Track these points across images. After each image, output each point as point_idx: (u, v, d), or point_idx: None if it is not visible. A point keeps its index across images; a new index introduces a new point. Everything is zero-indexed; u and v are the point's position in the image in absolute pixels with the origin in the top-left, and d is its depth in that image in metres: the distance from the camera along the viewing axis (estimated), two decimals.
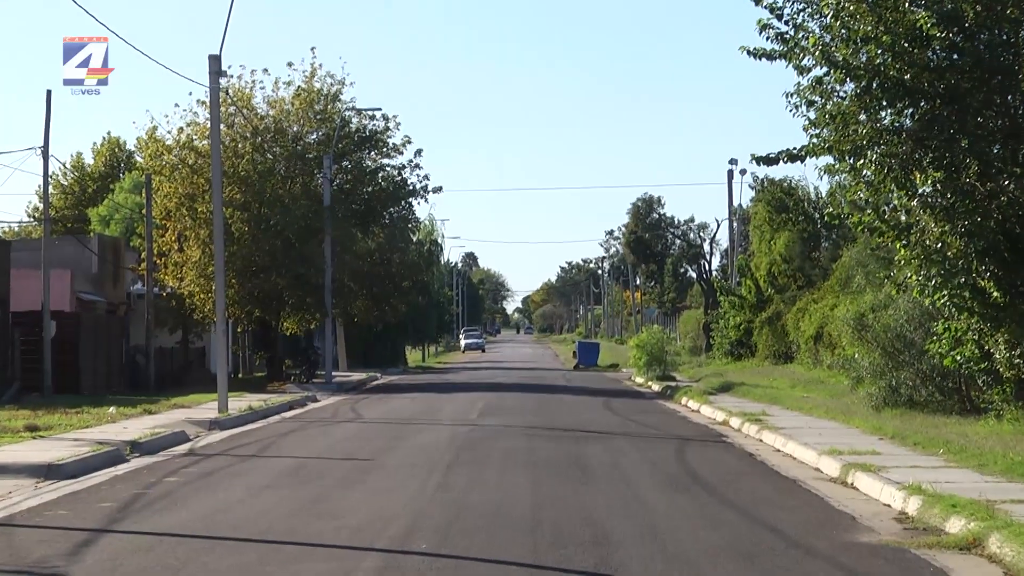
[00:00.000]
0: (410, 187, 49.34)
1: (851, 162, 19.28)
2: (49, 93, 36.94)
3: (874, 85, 18.46)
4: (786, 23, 19.51)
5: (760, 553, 11.52)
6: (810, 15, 19.32)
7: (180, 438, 22.91)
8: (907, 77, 18.37)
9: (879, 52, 18.45)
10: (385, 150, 48.86)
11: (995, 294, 19.06)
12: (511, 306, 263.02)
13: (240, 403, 30.77)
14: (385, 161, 49.20)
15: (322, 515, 13.70)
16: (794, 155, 19.74)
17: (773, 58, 19.49)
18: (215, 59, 29.93)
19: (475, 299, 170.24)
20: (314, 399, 36.69)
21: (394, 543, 11.94)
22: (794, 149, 19.77)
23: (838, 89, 19.07)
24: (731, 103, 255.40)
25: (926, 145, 18.69)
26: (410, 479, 16.73)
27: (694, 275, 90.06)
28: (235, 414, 27.82)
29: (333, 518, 13.47)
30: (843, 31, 18.74)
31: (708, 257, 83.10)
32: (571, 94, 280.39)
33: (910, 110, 18.80)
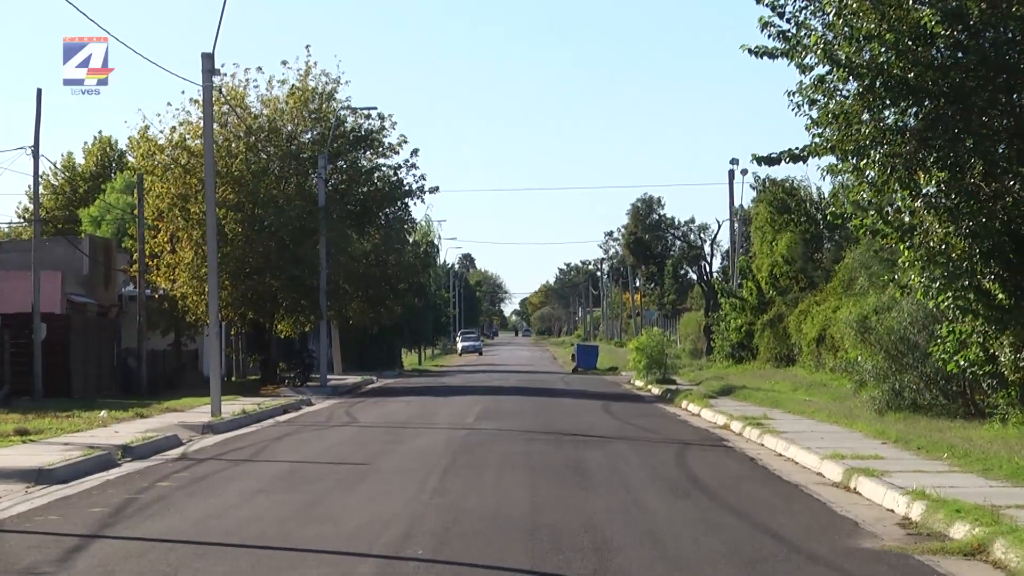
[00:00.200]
0: (406, 187, 49.10)
1: (854, 162, 19.17)
2: (39, 92, 36.74)
3: (877, 84, 18.36)
4: (788, 21, 19.40)
5: (761, 559, 11.50)
6: (812, 12, 19.20)
7: (173, 442, 22.78)
8: (911, 76, 18.26)
9: (882, 50, 18.33)
10: (381, 150, 48.65)
11: (1000, 296, 18.95)
12: (509, 308, 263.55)
13: (233, 407, 30.63)
14: (381, 161, 49.07)
15: (317, 520, 13.62)
16: (796, 155, 19.67)
17: (774, 56, 19.39)
18: (208, 57, 29.76)
19: (472, 301, 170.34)
20: (308, 403, 36.60)
21: (390, 548, 11.89)
22: (796, 149, 19.72)
23: (841, 88, 18.98)
24: (732, 102, 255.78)
25: (930, 145, 18.58)
26: (406, 484, 16.65)
27: (694, 277, 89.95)
28: (228, 418, 27.69)
29: (328, 523, 13.40)
30: (845, 29, 18.62)
31: (709, 258, 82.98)
32: (570, 93, 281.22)
33: (914, 109, 18.67)
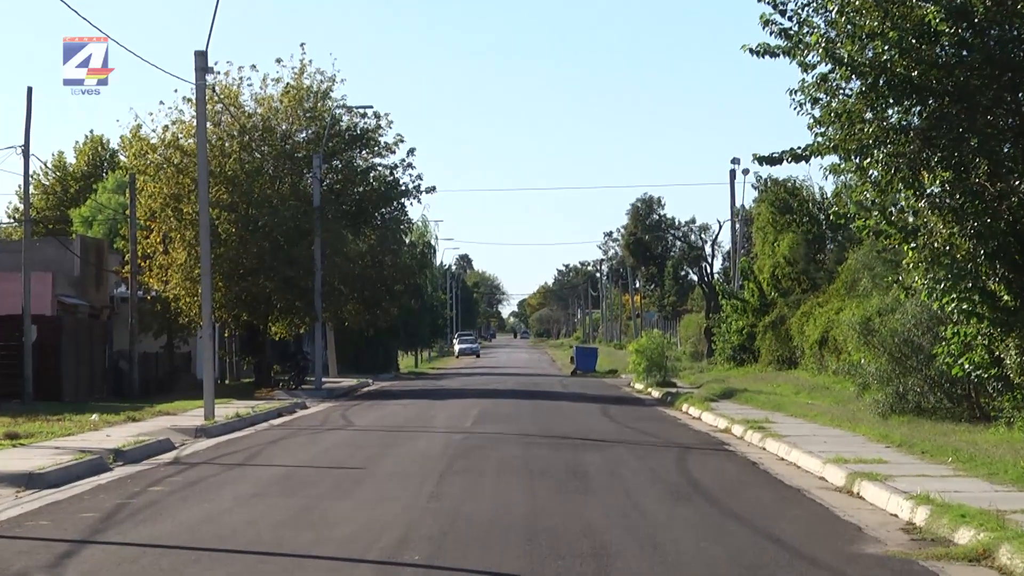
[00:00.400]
0: (402, 187, 49.01)
1: (857, 161, 19.06)
2: (30, 90, 36.70)
3: (881, 82, 18.23)
4: (789, 19, 19.27)
5: (763, 565, 11.44)
6: (814, 10, 19.08)
7: (165, 446, 22.70)
8: (915, 74, 18.14)
9: (886, 48, 18.17)
10: (377, 149, 48.50)
11: (1005, 298, 18.83)
12: (507, 310, 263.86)
13: (227, 410, 30.55)
14: (377, 160, 48.94)
15: (312, 525, 13.55)
16: (798, 154, 19.54)
17: (776, 55, 19.28)
18: (201, 55, 29.65)
19: (470, 303, 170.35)
20: (303, 406, 36.52)
21: (386, 554, 11.81)
22: (798, 148, 19.59)
23: (844, 86, 18.86)
24: (733, 100, 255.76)
25: (934, 144, 18.47)
26: (402, 488, 16.58)
27: (695, 278, 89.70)
28: (222, 421, 27.60)
29: (323, 528, 13.33)
30: (848, 27, 18.51)
31: (710, 259, 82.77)
32: (569, 91, 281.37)
33: (918, 108, 18.53)
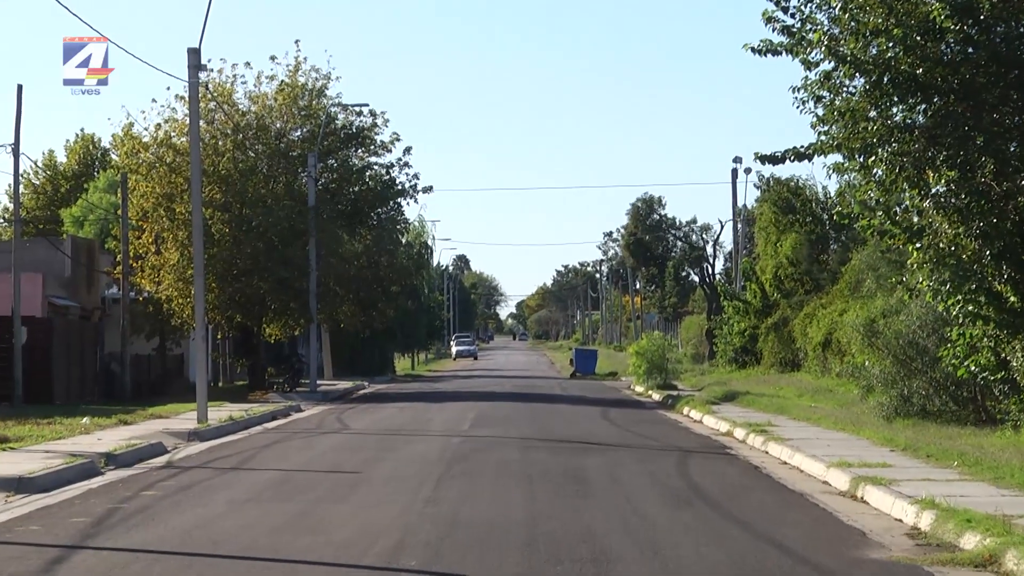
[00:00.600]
0: (399, 187, 48.81)
1: (861, 160, 18.95)
2: (20, 88, 36.67)
3: (885, 80, 18.12)
4: (792, 16, 19.15)
5: (765, 570, 11.44)
6: (817, 7, 18.96)
7: (157, 450, 22.62)
8: (919, 72, 18.05)
9: (890, 45, 18.09)
10: (373, 148, 48.32)
11: (1012, 299, 18.76)
12: (505, 311, 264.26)
13: (220, 413, 30.49)
14: (372, 159, 48.73)
15: (307, 530, 13.52)
16: (801, 153, 19.44)
17: (779, 53, 19.16)
18: (194, 52, 29.48)
19: (467, 304, 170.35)
20: (298, 409, 36.43)
21: (382, 559, 11.84)
22: (801, 147, 19.49)
23: (847, 84, 18.76)
24: (735, 99, 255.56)
25: (939, 143, 18.40)
26: (399, 493, 16.52)
27: (696, 279, 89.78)
28: (215, 424, 27.52)
29: (318, 533, 13.30)
30: (852, 24, 18.42)
31: (711, 260, 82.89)
32: (568, 89, 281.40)
33: (923, 106, 18.45)
